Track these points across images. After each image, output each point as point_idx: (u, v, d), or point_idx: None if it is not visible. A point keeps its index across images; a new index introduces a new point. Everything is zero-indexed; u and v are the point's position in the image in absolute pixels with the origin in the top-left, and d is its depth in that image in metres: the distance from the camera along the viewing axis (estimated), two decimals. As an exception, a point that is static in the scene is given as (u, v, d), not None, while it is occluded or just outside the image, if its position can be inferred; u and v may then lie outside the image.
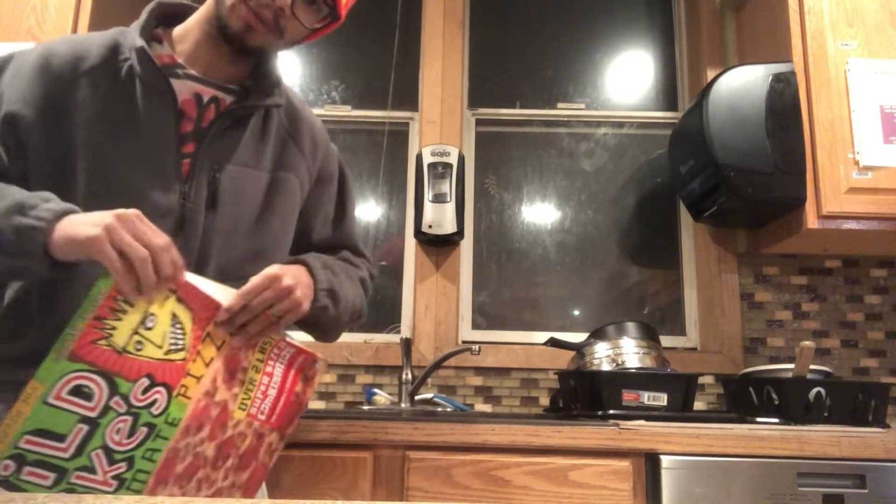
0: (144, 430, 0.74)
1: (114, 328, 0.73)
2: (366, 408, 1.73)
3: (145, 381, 0.74)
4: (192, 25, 0.97)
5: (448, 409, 1.71)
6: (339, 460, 1.19)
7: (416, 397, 1.73)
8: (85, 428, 0.71)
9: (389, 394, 1.77)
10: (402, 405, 1.70)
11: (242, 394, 0.82)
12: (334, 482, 1.18)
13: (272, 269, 0.85)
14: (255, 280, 0.83)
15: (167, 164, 0.89)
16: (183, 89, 0.93)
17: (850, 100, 1.63)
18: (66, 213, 0.75)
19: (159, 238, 0.74)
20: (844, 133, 1.61)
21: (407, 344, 1.75)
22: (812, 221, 1.59)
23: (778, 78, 1.64)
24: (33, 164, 0.86)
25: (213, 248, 0.91)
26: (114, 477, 0.72)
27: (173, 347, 0.76)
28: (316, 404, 1.82)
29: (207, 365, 0.79)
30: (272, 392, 0.85)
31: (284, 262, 0.92)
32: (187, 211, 0.89)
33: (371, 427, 1.20)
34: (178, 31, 0.98)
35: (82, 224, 0.73)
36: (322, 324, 0.99)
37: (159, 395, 0.75)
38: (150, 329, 0.75)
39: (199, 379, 0.78)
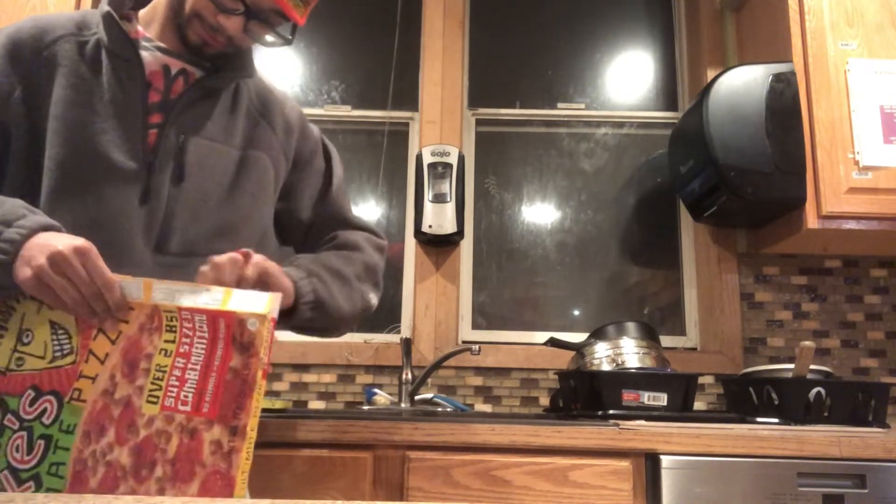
0: (41, 443, 0.71)
1: None
2: (366, 408, 1.73)
3: (30, 393, 0.72)
4: (158, 7, 0.97)
5: (448, 409, 1.71)
6: (339, 460, 1.19)
7: (416, 397, 1.73)
8: None
9: (389, 394, 1.77)
10: (402, 405, 1.70)
11: (150, 384, 0.71)
12: (334, 482, 1.18)
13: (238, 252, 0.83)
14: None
15: (133, 133, 0.89)
16: (150, 60, 0.93)
17: (850, 100, 1.63)
18: (28, 237, 0.74)
19: (90, 284, 0.73)
20: (844, 133, 1.61)
21: (407, 344, 1.75)
22: (812, 221, 1.59)
23: (778, 78, 1.64)
24: (13, 138, 0.87)
25: (178, 221, 0.91)
26: None
27: (58, 354, 0.74)
28: (316, 404, 1.83)
29: (103, 362, 0.73)
30: (192, 375, 0.71)
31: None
32: (152, 181, 0.89)
33: (371, 427, 1.20)
34: (144, 12, 0.99)
35: (24, 265, 0.73)
36: (312, 329, 0.98)
37: (48, 403, 0.72)
38: (27, 344, 0.74)
39: (94, 379, 0.72)
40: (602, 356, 1.54)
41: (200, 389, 0.71)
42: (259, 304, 0.72)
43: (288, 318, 0.91)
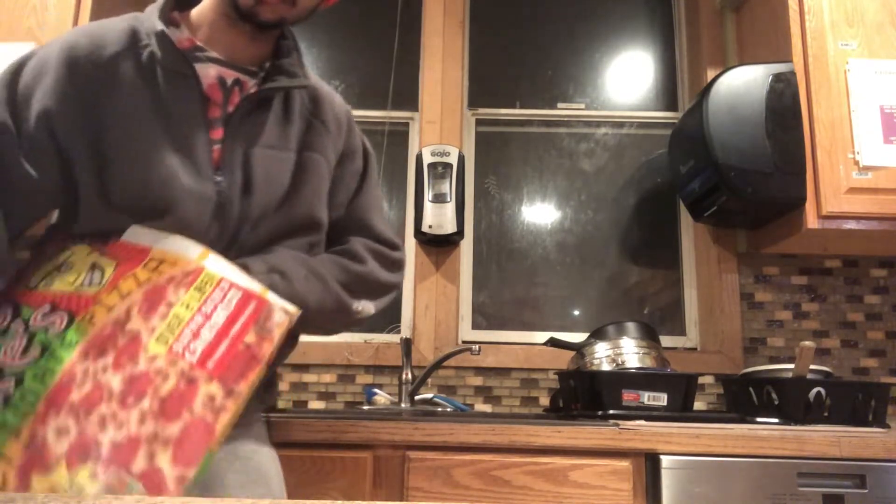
0: (38, 349, 0.73)
1: (32, 275, 0.82)
2: (366, 408, 1.73)
3: (47, 307, 0.76)
4: (206, 8, 0.95)
5: (448, 409, 1.71)
6: (339, 460, 1.19)
7: (416, 397, 1.73)
8: None
9: (389, 394, 1.77)
10: (402, 405, 1.70)
11: (163, 328, 0.74)
12: (334, 482, 1.18)
13: None
14: None
15: (200, 151, 0.88)
16: (206, 73, 0.91)
17: (850, 100, 1.63)
18: None
19: None
20: (844, 133, 1.61)
21: (407, 344, 1.75)
22: (812, 221, 1.59)
23: (778, 78, 1.64)
24: (79, 164, 0.84)
25: (243, 233, 0.90)
26: None
27: (86, 284, 0.78)
28: (316, 404, 1.83)
29: (124, 297, 0.76)
30: (207, 334, 0.74)
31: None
32: (223, 197, 0.88)
33: (371, 427, 1.20)
34: (194, 14, 0.96)
35: None
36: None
37: (59, 318, 0.75)
38: (62, 272, 0.80)
39: (110, 308, 0.75)
40: (602, 356, 1.54)
41: (211, 348, 0.74)
42: (289, 306, 0.79)
43: None
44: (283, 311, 0.78)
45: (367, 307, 1.01)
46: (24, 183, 0.84)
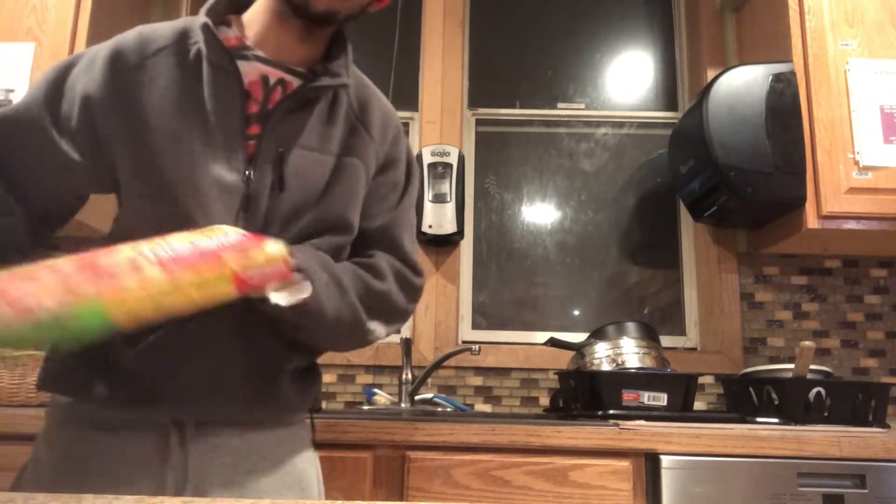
0: None
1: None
2: (366, 408, 1.73)
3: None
4: (258, 8, 0.96)
5: (448, 409, 1.71)
6: (339, 460, 1.19)
7: (416, 397, 1.73)
8: None
9: (389, 394, 1.77)
10: (402, 405, 1.70)
11: (146, 245, 0.71)
12: (334, 482, 1.18)
13: None
14: None
15: (233, 144, 0.89)
16: (250, 70, 0.92)
17: (850, 100, 1.63)
18: None
19: None
20: (844, 133, 1.61)
21: (407, 344, 1.75)
22: (812, 221, 1.59)
23: (778, 78, 1.64)
24: (117, 152, 0.87)
25: (273, 231, 0.90)
26: None
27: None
28: (316, 404, 1.82)
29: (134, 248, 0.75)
30: (185, 250, 0.71)
31: None
32: (252, 192, 0.88)
33: (371, 427, 1.20)
34: (246, 15, 0.97)
35: None
36: (295, 328, 0.90)
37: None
38: None
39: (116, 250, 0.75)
40: (602, 356, 1.54)
41: (181, 257, 0.70)
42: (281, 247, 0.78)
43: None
44: (277, 246, 0.76)
45: (378, 329, 0.97)
46: (60, 163, 0.88)
